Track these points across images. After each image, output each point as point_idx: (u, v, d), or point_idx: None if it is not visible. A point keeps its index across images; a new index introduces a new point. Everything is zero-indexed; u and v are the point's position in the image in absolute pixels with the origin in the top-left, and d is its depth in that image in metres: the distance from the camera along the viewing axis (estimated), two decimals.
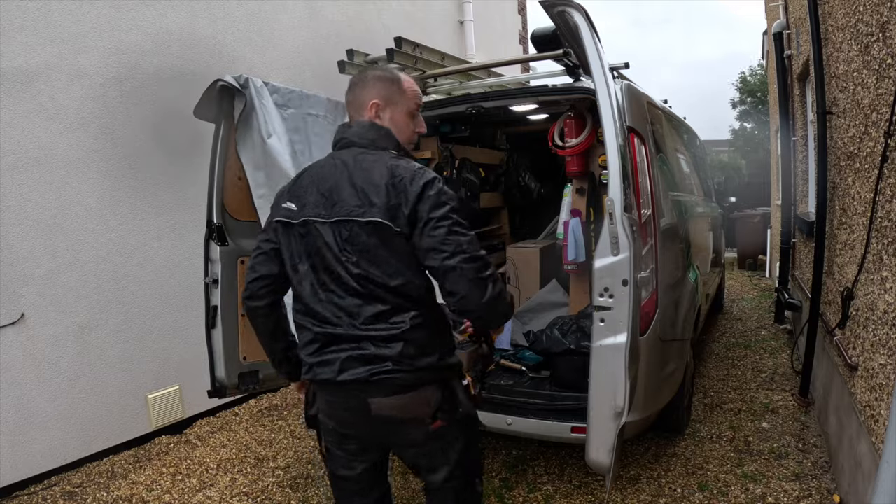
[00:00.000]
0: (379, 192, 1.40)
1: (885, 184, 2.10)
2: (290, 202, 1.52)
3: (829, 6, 3.14)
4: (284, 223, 1.52)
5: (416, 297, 1.46)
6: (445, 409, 1.52)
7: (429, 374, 1.48)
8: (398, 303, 1.43)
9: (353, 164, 1.47)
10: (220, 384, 2.56)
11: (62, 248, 3.23)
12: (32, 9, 3.07)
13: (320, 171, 1.53)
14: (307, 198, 1.49)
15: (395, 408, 1.46)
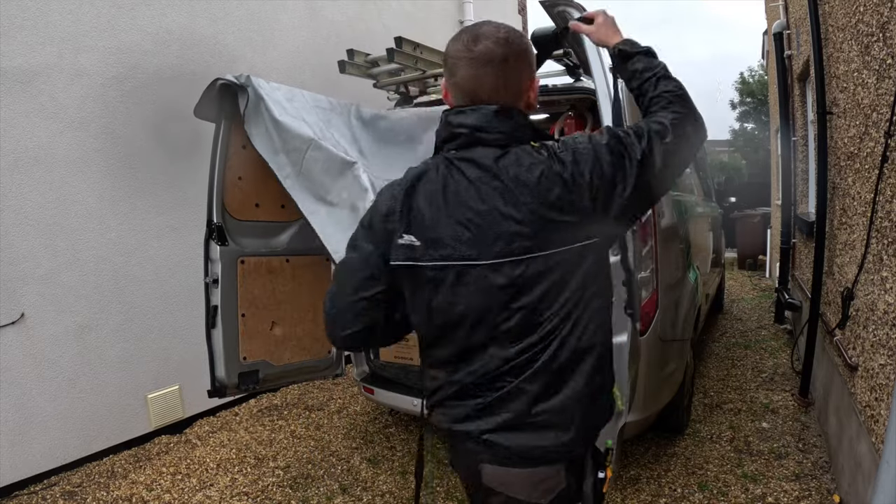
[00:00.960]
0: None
1: (885, 184, 2.10)
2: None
3: (829, 6, 3.14)
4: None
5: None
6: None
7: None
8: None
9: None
10: (220, 384, 2.56)
11: (62, 247, 3.23)
12: (32, 8, 3.07)
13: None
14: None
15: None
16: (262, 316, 2.72)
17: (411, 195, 1.14)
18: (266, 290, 2.73)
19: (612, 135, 1.13)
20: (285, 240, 2.85)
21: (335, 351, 3.10)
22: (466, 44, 1.11)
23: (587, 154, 1.09)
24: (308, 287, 2.95)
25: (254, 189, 2.68)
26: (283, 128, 2.30)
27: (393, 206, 1.15)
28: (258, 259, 2.69)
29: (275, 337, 2.79)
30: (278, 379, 2.86)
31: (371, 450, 3.40)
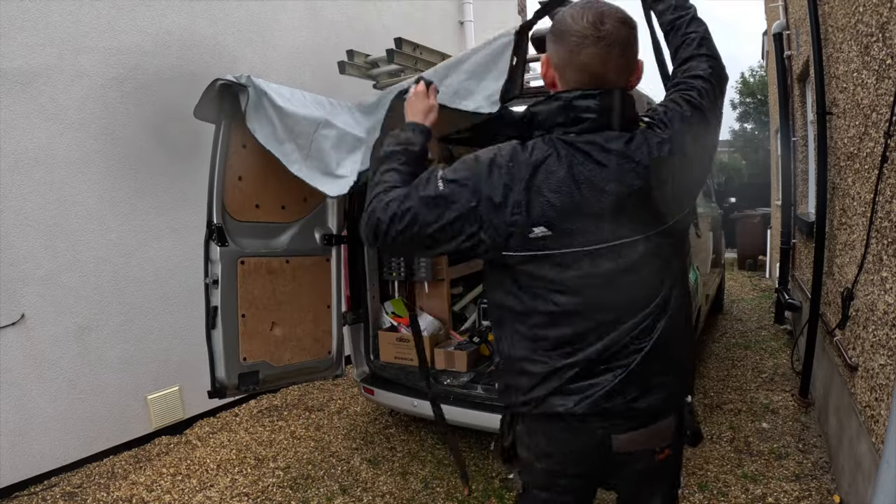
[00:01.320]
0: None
1: (885, 184, 2.10)
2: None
3: (829, 7, 3.14)
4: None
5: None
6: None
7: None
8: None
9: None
10: (220, 384, 2.56)
11: (62, 248, 3.23)
12: (32, 9, 3.07)
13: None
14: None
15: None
16: (262, 317, 2.72)
17: (531, 186, 1.12)
18: (266, 290, 2.73)
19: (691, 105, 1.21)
20: (285, 240, 2.85)
21: (335, 352, 3.10)
22: (593, 22, 1.09)
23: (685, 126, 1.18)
24: (308, 288, 2.95)
25: (254, 190, 2.68)
26: (290, 115, 2.31)
27: (517, 199, 1.12)
28: (258, 260, 2.69)
29: (275, 338, 2.79)
30: (278, 380, 2.86)
31: (371, 450, 3.40)
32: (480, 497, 2.84)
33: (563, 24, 1.14)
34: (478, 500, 2.82)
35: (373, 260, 3.58)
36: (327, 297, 3.07)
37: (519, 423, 1.34)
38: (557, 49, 1.15)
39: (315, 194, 2.99)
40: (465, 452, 3.31)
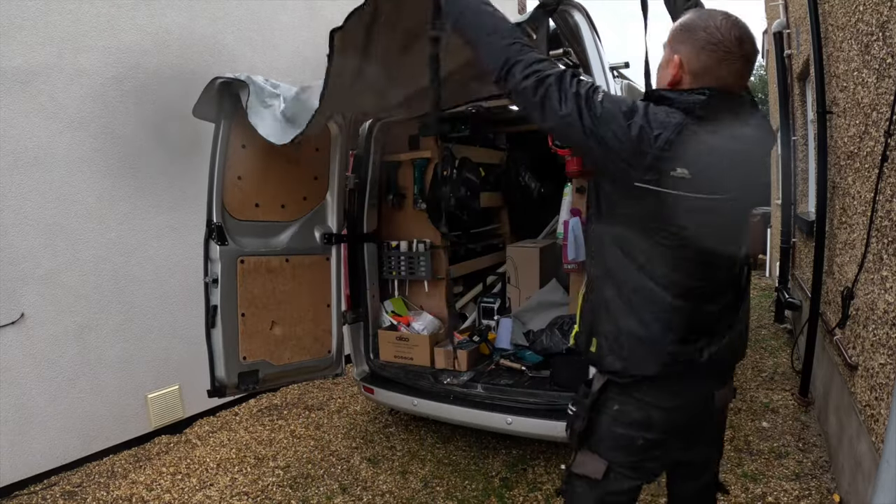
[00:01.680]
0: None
1: (885, 183, 2.10)
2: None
3: (829, 5, 3.14)
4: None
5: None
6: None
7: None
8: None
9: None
10: (220, 384, 2.56)
11: (62, 247, 3.23)
12: (32, 8, 3.06)
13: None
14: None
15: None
16: (261, 315, 2.72)
17: (682, 134, 1.21)
18: (266, 289, 2.73)
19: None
20: (285, 239, 2.85)
21: (335, 351, 3.10)
22: (739, 39, 1.25)
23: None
24: (308, 287, 2.95)
25: (253, 189, 2.68)
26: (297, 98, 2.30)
27: (667, 136, 1.20)
28: (258, 259, 2.69)
29: (274, 337, 2.79)
30: (278, 379, 2.87)
31: (371, 449, 3.40)
32: (480, 497, 2.84)
33: (709, 34, 1.25)
34: (478, 500, 2.82)
35: (373, 259, 3.58)
36: (327, 296, 3.07)
37: (621, 395, 1.41)
38: (699, 56, 1.26)
39: (315, 194, 3.00)
40: (465, 451, 3.31)
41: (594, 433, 1.45)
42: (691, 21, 1.29)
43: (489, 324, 3.87)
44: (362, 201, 3.45)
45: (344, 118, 3.00)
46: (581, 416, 1.45)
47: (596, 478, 1.44)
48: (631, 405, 1.40)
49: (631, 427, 1.40)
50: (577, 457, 1.49)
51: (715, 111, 1.24)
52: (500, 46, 1.32)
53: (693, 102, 1.24)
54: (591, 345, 1.44)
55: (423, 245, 3.58)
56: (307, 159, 2.93)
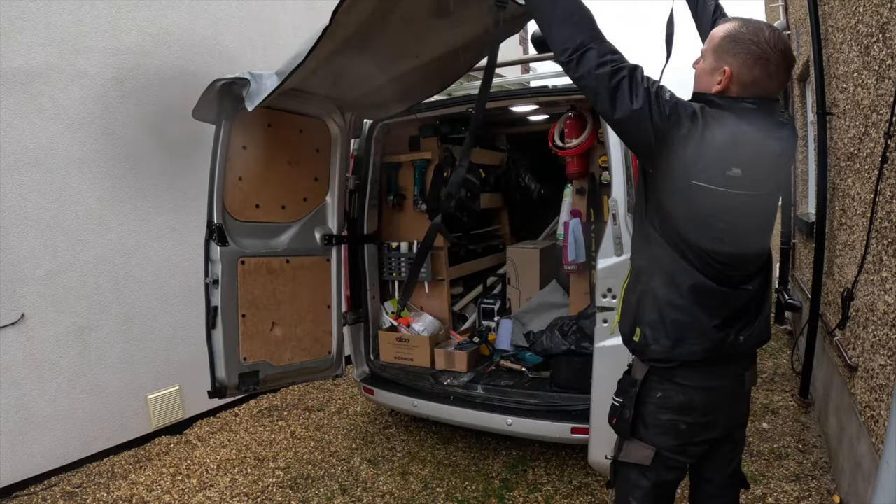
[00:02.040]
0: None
1: (885, 184, 2.10)
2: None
3: (829, 7, 3.14)
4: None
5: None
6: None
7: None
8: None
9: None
10: (221, 384, 2.56)
11: (62, 248, 3.23)
12: (32, 9, 3.07)
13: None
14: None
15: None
16: (262, 316, 2.72)
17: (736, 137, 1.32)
18: (266, 290, 2.73)
19: None
20: (285, 240, 2.85)
21: (335, 352, 3.10)
22: (786, 55, 1.36)
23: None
24: (308, 288, 2.95)
25: (254, 190, 2.68)
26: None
27: (724, 139, 1.30)
28: (258, 260, 2.69)
29: (275, 337, 2.79)
30: (278, 380, 2.86)
31: (371, 450, 3.39)
32: (480, 498, 2.84)
33: (761, 49, 1.33)
34: (478, 501, 2.82)
35: (373, 260, 3.59)
36: (327, 297, 3.07)
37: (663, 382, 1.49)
38: (751, 70, 1.34)
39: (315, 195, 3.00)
40: (465, 453, 3.31)
41: (641, 422, 1.53)
42: (739, 33, 1.35)
43: (489, 325, 3.87)
44: (362, 202, 3.46)
45: (344, 119, 3.00)
46: (628, 405, 1.52)
47: (645, 464, 1.53)
48: (673, 390, 1.49)
49: (674, 411, 1.49)
50: (624, 446, 1.57)
51: (761, 117, 1.34)
52: (579, 27, 1.33)
53: (744, 110, 1.34)
54: (635, 334, 1.52)
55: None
56: (307, 160, 2.93)
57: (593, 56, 1.30)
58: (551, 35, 1.37)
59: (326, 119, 2.94)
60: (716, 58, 1.38)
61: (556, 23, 1.35)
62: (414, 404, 3.12)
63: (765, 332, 1.54)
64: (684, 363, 1.45)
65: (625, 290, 1.63)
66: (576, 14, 1.34)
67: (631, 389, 1.54)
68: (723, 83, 1.36)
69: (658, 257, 1.46)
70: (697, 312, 1.42)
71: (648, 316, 1.48)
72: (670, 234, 1.42)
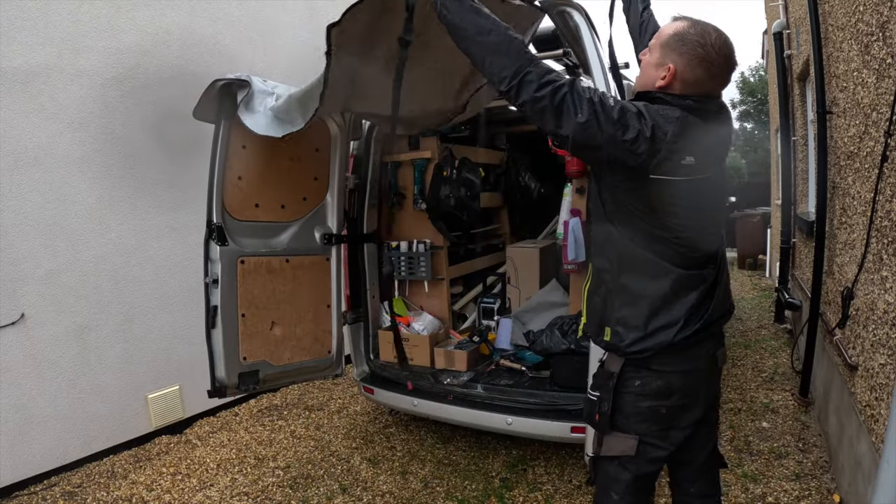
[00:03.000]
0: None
1: (885, 183, 2.10)
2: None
3: (829, 6, 3.14)
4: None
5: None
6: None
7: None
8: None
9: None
10: (220, 384, 2.56)
11: (62, 247, 3.23)
12: (32, 9, 3.07)
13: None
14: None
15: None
16: (261, 316, 2.72)
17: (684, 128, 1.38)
18: (266, 290, 2.73)
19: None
20: (285, 240, 2.85)
21: (335, 351, 3.10)
22: (729, 58, 1.42)
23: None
24: (308, 287, 2.95)
25: (253, 189, 2.68)
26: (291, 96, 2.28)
27: (674, 131, 1.36)
28: (258, 259, 2.69)
29: (274, 337, 2.79)
30: (278, 379, 2.86)
31: (371, 450, 3.40)
32: (480, 497, 2.84)
33: (705, 52, 1.39)
34: (478, 500, 2.82)
35: (372, 259, 3.59)
36: (327, 296, 3.07)
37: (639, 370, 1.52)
38: (694, 70, 1.40)
39: (315, 194, 3.00)
40: (465, 452, 3.31)
41: (620, 413, 1.55)
42: (687, 34, 1.40)
43: (489, 324, 3.87)
44: (362, 202, 3.46)
45: (344, 118, 3.00)
46: (606, 398, 1.55)
47: (629, 454, 1.55)
48: (651, 377, 1.52)
49: (654, 397, 1.52)
50: (605, 441, 1.59)
51: (702, 109, 1.42)
52: (511, 55, 1.35)
53: (687, 105, 1.40)
54: (605, 334, 1.55)
55: (423, 245, 3.58)
56: (307, 160, 2.93)
57: (533, 79, 1.33)
58: (487, 68, 1.39)
59: (326, 118, 2.95)
60: (662, 54, 1.43)
61: (488, 56, 1.38)
62: (414, 403, 3.12)
63: (725, 304, 1.58)
64: (658, 352, 1.48)
65: (587, 292, 1.65)
66: (504, 43, 1.36)
67: (608, 382, 1.55)
68: (667, 79, 1.41)
69: (623, 254, 1.50)
70: (670, 299, 1.47)
71: (618, 313, 1.52)
72: (633, 229, 1.46)
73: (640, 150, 1.33)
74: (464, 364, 3.34)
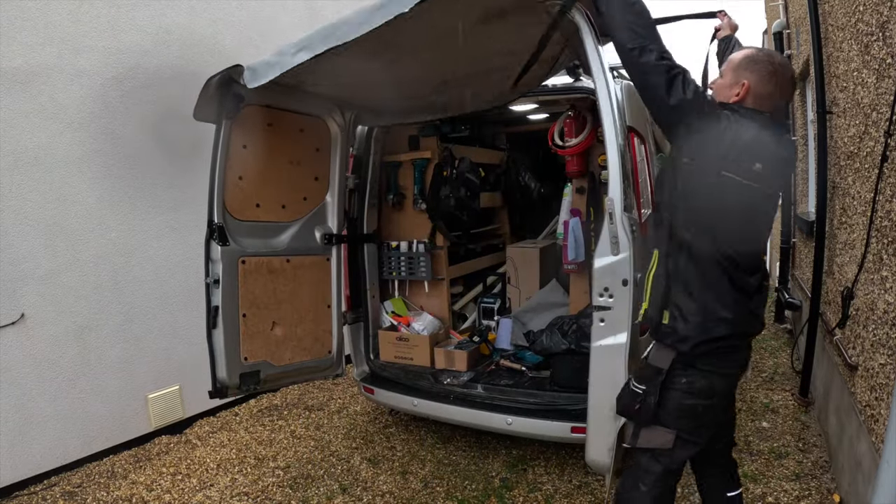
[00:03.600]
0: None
1: (885, 183, 2.10)
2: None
3: (829, 6, 3.14)
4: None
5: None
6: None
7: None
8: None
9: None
10: (222, 384, 2.55)
11: (62, 247, 3.23)
12: (32, 9, 3.06)
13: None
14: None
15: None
16: (262, 316, 2.71)
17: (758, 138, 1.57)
18: (267, 290, 2.73)
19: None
20: (286, 240, 2.85)
21: (335, 351, 3.10)
22: (792, 76, 1.69)
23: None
24: (308, 287, 2.95)
25: (254, 189, 2.68)
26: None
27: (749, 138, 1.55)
28: (259, 259, 2.69)
29: (275, 337, 2.78)
30: (279, 379, 2.86)
31: (371, 450, 3.40)
32: (480, 497, 2.84)
33: (774, 68, 1.64)
34: (478, 500, 2.82)
35: (373, 259, 3.59)
36: (327, 296, 3.07)
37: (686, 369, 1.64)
38: (766, 85, 1.63)
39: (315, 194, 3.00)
40: (465, 452, 3.31)
41: (662, 408, 1.66)
42: (757, 56, 1.66)
43: (489, 324, 3.87)
44: (362, 202, 3.46)
45: (344, 118, 3.00)
46: (653, 392, 1.65)
47: (667, 448, 1.67)
48: (696, 376, 1.64)
49: (697, 396, 1.65)
50: (642, 433, 1.71)
51: (774, 125, 1.62)
52: (643, 27, 1.63)
53: (762, 118, 1.60)
54: (664, 317, 1.68)
55: (423, 245, 3.58)
56: (307, 159, 2.93)
57: (654, 51, 1.58)
58: (617, 30, 1.65)
59: (326, 118, 2.95)
60: (735, 75, 1.66)
61: (623, 21, 1.64)
62: (414, 404, 3.12)
63: (763, 315, 1.73)
64: (707, 351, 1.61)
65: (653, 276, 1.77)
66: (641, 19, 1.65)
67: (656, 377, 1.66)
68: (741, 94, 1.63)
69: (686, 242, 1.63)
70: (724, 298, 1.60)
71: (678, 298, 1.65)
72: (696, 223, 1.61)
73: (722, 143, 1.53)
74: (464, 364, 3.34)
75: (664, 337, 1.67)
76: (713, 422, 1.74)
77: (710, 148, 1.54)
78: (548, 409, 2.78)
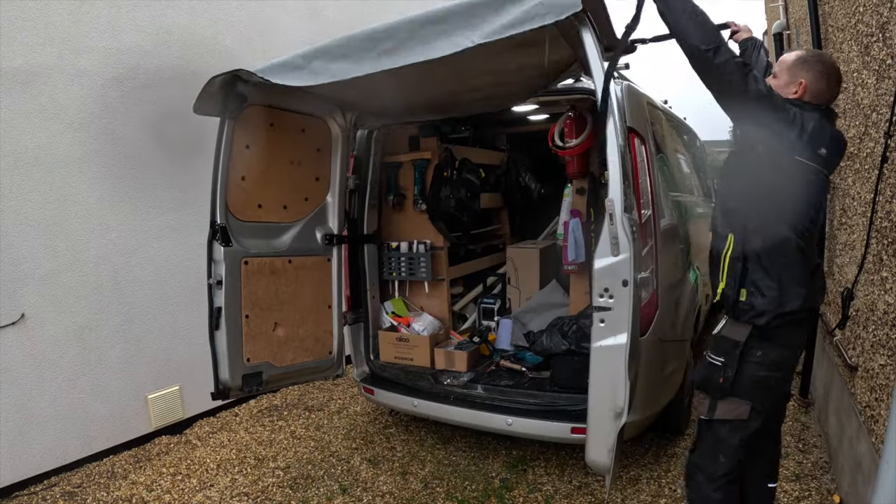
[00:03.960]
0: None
1: (885, 184, 2.11)
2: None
3: (829, 7, 3.15)
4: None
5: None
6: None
7: None
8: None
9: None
10: (224, 386, 2.55)
11: (62, 248, 3.23)
12: (32, 9, 3.07)
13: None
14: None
15: None
16: (265, 317, 2.71)
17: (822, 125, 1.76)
18: (269, 291, 2.73)
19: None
20: (287, 240, 2.85)
21: (336, 352, 3.10)
22: (839, 74, 1.84)
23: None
24: (310, 288, 2.95)
25: (257, 189, 2.68)
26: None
27: (814, 125, 1.73)
28: (261, 260, 2.69)
29: (277, 338, 2.78)
30: (280, 380, 2.86)
31: (371, 450, 3.40)
32: (480, 498, 2.84)
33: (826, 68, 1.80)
34: (478, 500, 2.82)
35: (373, 259, 3.59)
36: (328, 296, 3.07)
37: (762, 342, 1.76)
38: (819, 83, 1.79)
39: (316, 195, 3.01)
40: (465, 452, 3.31)
41: (738, 380, 1.77)
42: (808, 57, 1.83)
43: (489, 324, 3.87)
44: (363, 202, 3.46)
45: (345, 118, 3.00)
46: (731, 364, 1.77)
47: (743, 418, 1.79)
48: (770, 348, 1.77)
49: (769, 368, 1.78)
50: (719, 406, 1.83)
51: (829, 116, 1.80)
52: (711, 31, 1.75)
53: (823, 110, 1.78)
54: (741, 295, 1.79)
55: (423, 246, 3.59)
56: (309, 160, 2.93)
57: (725, 51, 1.70)
58: (686, 32, 1.76)
59: (328, 119, 2.95)
60: (791, 74, 1.82)
61: (694, 28, 1.76)
62: (414, 404, 3.12)
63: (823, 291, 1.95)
64: (780, 324, 1.73)
65: (729, 257, 1.86)
66: (708, 23, 1.77)
67: (734, 350, 1.77)
68: (799, 92, 1.78)
69: (760, 223, 1.77)
70: (797, 275, 1.74)
71: (756, 275, 1.77)
72: (771, 205, 1.74)
73: (793, 131, 1.70)
74: (464, 364, 3.34)
75: (741, 314, 1.79)
76: (779, 393, 1.90)
77: (783, 135, 1.70)
78: (548, 409, 2.78)
